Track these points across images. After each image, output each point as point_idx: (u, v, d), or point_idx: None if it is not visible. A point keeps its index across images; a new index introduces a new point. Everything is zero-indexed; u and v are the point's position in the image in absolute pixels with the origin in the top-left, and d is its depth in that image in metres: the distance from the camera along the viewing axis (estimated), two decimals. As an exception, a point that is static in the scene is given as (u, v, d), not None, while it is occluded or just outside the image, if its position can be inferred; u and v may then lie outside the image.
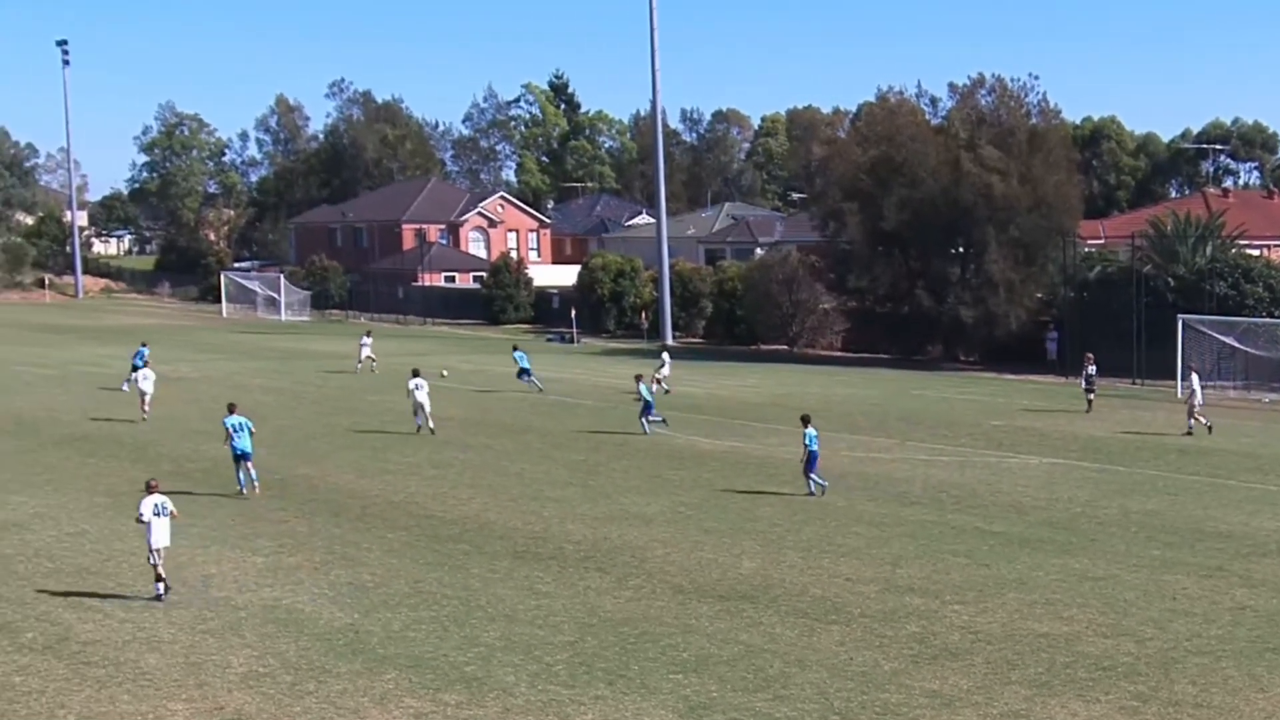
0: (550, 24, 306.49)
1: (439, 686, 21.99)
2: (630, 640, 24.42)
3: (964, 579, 28.90)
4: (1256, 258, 76.43)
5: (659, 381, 60.45)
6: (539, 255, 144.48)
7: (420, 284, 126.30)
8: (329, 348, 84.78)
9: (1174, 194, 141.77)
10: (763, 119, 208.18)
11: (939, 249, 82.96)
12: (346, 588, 27.93)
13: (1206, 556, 31.21)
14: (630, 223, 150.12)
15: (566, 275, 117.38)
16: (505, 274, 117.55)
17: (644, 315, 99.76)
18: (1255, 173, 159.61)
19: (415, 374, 49.64)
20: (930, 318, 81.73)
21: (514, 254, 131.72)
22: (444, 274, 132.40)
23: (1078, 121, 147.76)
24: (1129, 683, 22.30)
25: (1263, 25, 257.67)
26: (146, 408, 52.40)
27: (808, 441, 37.85)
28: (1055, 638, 24.70)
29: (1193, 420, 51.30)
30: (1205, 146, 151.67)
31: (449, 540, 32.34)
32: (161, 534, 27.03)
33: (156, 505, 27.16)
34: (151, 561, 27.05)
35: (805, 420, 38.40)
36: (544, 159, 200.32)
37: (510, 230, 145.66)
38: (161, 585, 26.93)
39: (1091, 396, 58.04)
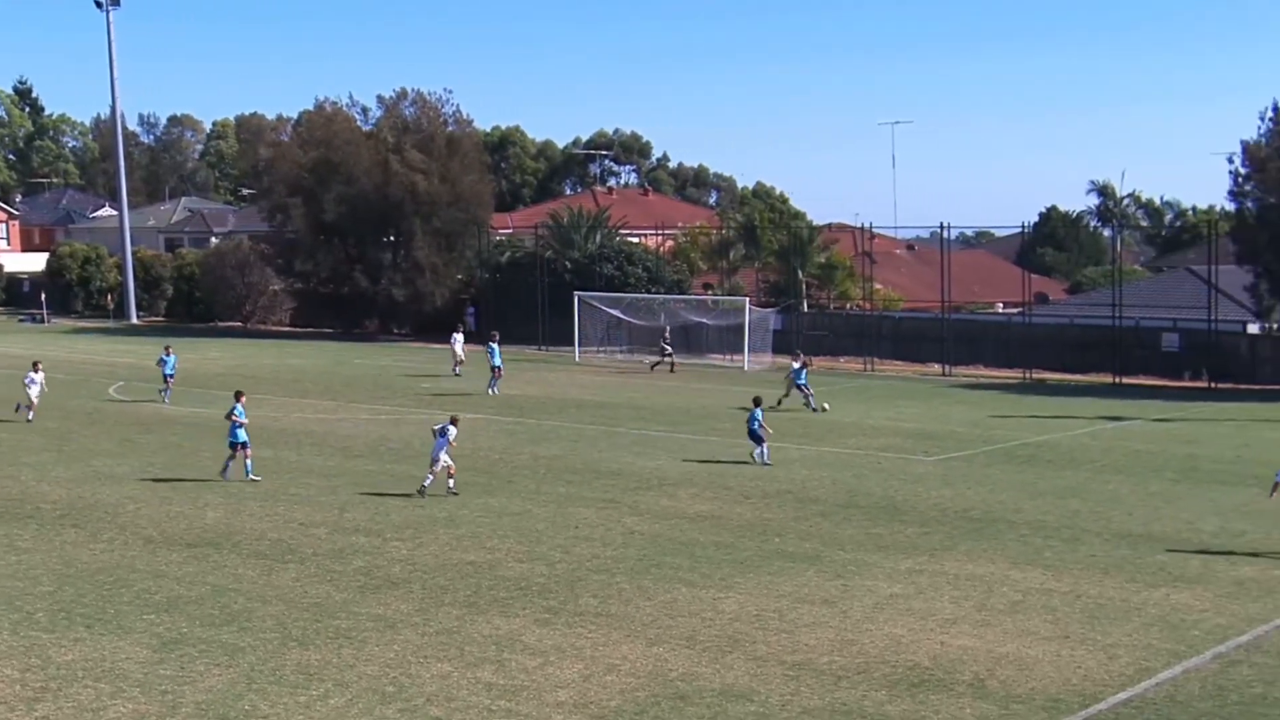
0: (14, 31, 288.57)
1: (-76, 639, 20.60)
2: (106, 587, 23.47)
3: (402, 519, 29.08)
4: (636, 245, 79.91)
5: (461, 363, 57.58)
6: (9, 244, 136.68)
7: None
8: None
9: (569, 191, 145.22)
10: (214, 123, 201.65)
11: (373, 238, 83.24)
12: None
13: (602, 491, 32.43)
14: (95, 215, 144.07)
15: (36, 262, 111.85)
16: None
17: (110, 298, 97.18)
18: (634, 174, 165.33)
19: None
20: (367, 297, 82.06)
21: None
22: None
23: (488, 129, 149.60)
24: (542, 599, 22.93)
25: (642, 49, 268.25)
26: None
27: (750, 420, 36.56)
28: (480, 565, 25.16)
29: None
30: (593, 152, 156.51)
31: (-71, 506, 30.30)
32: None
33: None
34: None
35: (756, 402, 37.06)
36: (11, 157, 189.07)
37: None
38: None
39: (667, 360, 61.57)
